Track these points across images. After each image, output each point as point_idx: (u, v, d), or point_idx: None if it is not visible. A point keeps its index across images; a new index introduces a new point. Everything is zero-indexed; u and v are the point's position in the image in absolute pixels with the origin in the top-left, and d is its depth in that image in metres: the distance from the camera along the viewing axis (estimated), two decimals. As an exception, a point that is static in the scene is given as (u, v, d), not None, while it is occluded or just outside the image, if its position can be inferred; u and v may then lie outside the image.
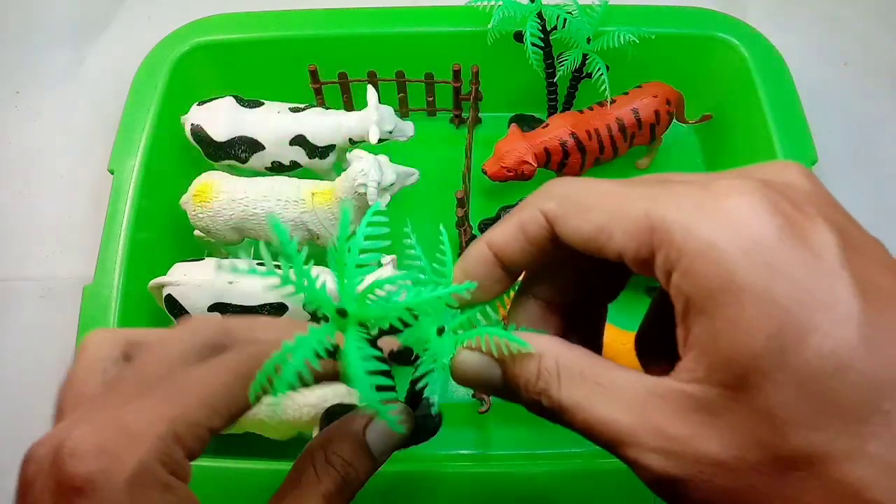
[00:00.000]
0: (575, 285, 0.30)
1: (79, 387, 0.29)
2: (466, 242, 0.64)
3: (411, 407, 0.33)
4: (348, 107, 0.70)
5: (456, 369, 0.28)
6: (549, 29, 0.62)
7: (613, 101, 0.65)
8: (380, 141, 0.58)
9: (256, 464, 0.48)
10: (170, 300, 0.55)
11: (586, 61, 0.63)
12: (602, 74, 0.62)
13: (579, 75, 0.65)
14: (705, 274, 0.22)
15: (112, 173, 0.60)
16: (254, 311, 0.54)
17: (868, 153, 0.74)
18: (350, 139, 0.61)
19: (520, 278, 0.30)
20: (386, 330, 0.27)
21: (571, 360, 0.26)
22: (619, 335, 0.53)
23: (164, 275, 0.55)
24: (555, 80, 0.67)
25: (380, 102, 0.60)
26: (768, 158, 0.60)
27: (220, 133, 0.61)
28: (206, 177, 0.59)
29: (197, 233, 0.61)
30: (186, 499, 0.27)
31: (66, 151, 0.75)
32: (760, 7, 0.82)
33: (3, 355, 0.65)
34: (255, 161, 0.62)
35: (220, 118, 0.61)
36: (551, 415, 0.26)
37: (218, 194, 0.57)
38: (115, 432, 0.26)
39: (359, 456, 0.31)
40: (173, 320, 0.56)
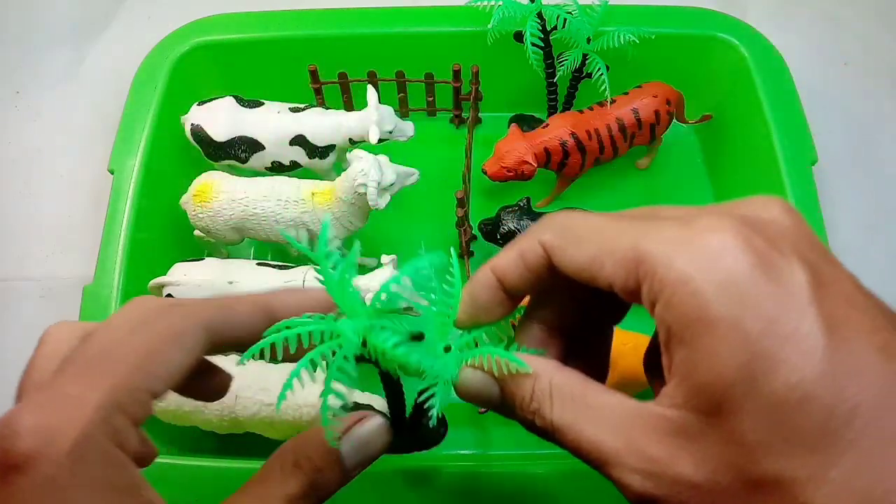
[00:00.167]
0: (575, 310, 0.32)
1: (36, 376, 0.30)
2: (466, 242, 0.64)
3: (416, 417, 0.32)
4: (348, 107, 0.70)
5: (459, 386, 0.30)
6: (549, 29, 0.62)
7: (613, 101, 0.64)
8: (380, 141, 0.58)
9: (256, 464, 0.48)
10: (170, 300, 0.55)
11: (586, 61, 0.63)
12: (602, 74, 0.62)
13: (579, 75, 0.65)
14: (683, 305, 0.24)
15: (112, 173, 0.60)
16: (254, 311, 0.54)
17: (868, 153, 0.74)
18: (350, 139, 0.61)
19: (522, 302, 0.32)
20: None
21: (564, 382, 0.28)
22: (620, 335, 0.53)
23: (164, 275, 0.55)
24: (555, 80, 0.67)
25: (380, 102, 0.60)
26: (768, 158, 0.60)
27: (220, 133, 0.61)
28: (206, 177, 0.59)
29: (197, 233, 0.61)
30: (125, 468, 0.27)
31: (66, 151, 0.75)
32: (760, 7, 0.82)
33: (2, 355, 0.65)
34: (255, 161, 0.62)
35: (220, 118, 0.61)
36: (544, 433, 0.28)
37: (218, 194, 0.57)
38: (54, 408, 0.26)
39: (329, 463, 0.31)
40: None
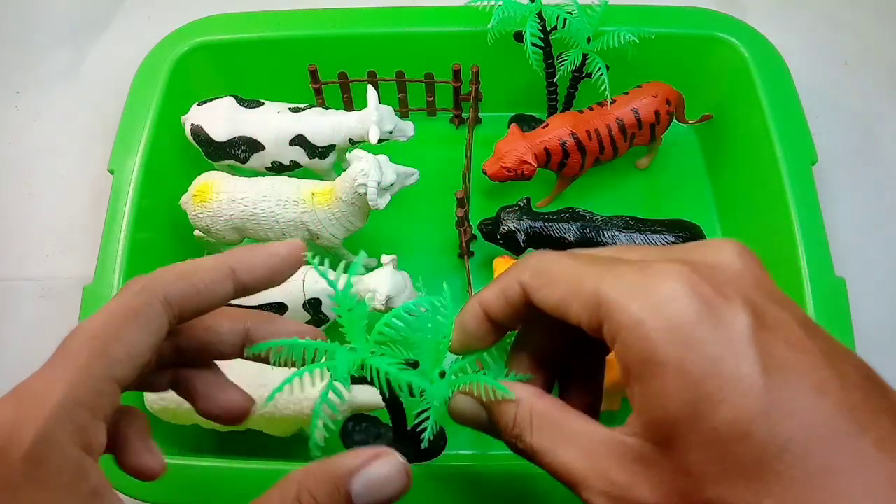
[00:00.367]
0: (562, 340, 0.34)
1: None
2: (467, 242, 0.64)
3: (415, 435, 0.33)
4: (348, 107, 0.70)
5: (452, 410, 0.33)
6: (549, 29, 0.62)
7: (613, 101, 0.65)
8: (380, 141, 0.58)
9: (256, 464, 0.48)
10: (170, 300, 0.55)
11: (586, 61, 0.63)
12: (602, 74, 0.62)
13: (579, 75, 0.65)
14: (636, 348, 0.26)
15: (112, 173, 0.60)
16: (254, 311, 0.54)
17: (868, 153, 0.74)
18: (350, 139, 0.61)
19: (507, 336, 0.35)
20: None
21: (543, 410, 0.30)
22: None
23: (164, 275, 0.55)
24: (555, 80, 0.67)
25: (380, 102, 0.60)
26: (768, 158, 0.60)
27: (220, 133, 0.61)
28: (206, 177, 0.59)
29: (197, 233, 0.61)
30: (85, 471, 0.26)
31: (66, 151, 0.75)
32: (760, 7, 0.82)
33: (3, 355, 0.65)
34: (255, 161, 0.62)
35: (220, 118, 0.61)
36: (525, 455, 0.30)
37: (218, 194, 0.57)
38: (14, 407, 0.25)
39: (336, 503, 0.28)
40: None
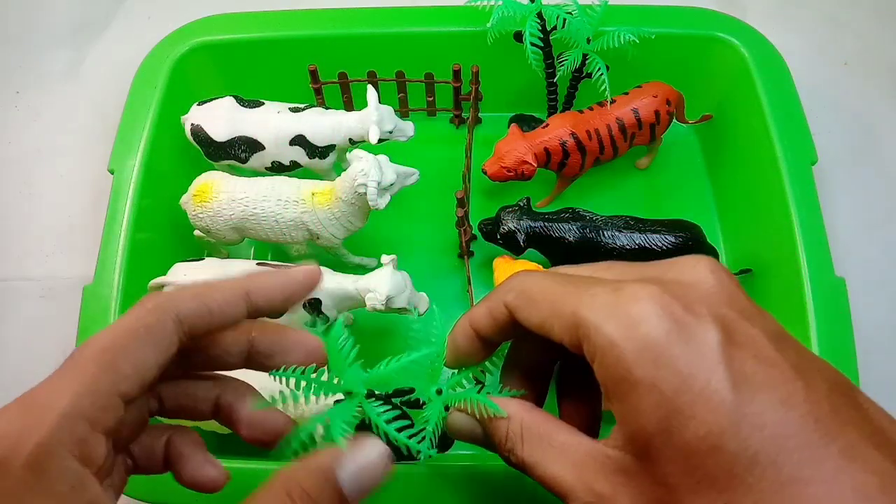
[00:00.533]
0: (553, 352, 0.34)
1: None
2: (467, 242, 0.64)
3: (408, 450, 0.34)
4: (348, 107, 0.70)
5: (450, 427, 0.35)
6: (548, 29, 0.62)
7: (613, 101, 0.65)
8: (380, 141, 0.58)
9: (256, 464, 0.48)
10: (170, 300, 0.55)
11: (586, 61, 0.63)
12: (602, 74, 0.62)
13: (579, 75, 0.65)
14: (611, 368, 0.27)
15: (112, 173, 0.60)
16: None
17: (868, 153, 0.74)
18: (350, 139, 0.61)
19: (501, 346, 0.36)
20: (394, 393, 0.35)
21: (532, 424, 0.31)
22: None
23: (164, 275, 0.55)
24: (555, 80, 0.67)
25: (380, 102, 0.60)
26: (768, 158, 0.60)
27: (220, 133, 0.61)
28: (206, 177, 0.59)
29: (197, 233, 0.61)
30: (82, 484, 0.26)
31: (66, 151, 0.75)
32: (760, 7, 0.82)
33: (3, 355, 0.65)
34: (255, 161, 0.62)
35: (220, 118, 0.61)
36: (518, 468, 0.31)
37: (218, 194, 0.57)
38: (19, 415, 0.26)
39: (325, 493, 0.28)
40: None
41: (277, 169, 0.63)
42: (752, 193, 0.63)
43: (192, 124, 0.61)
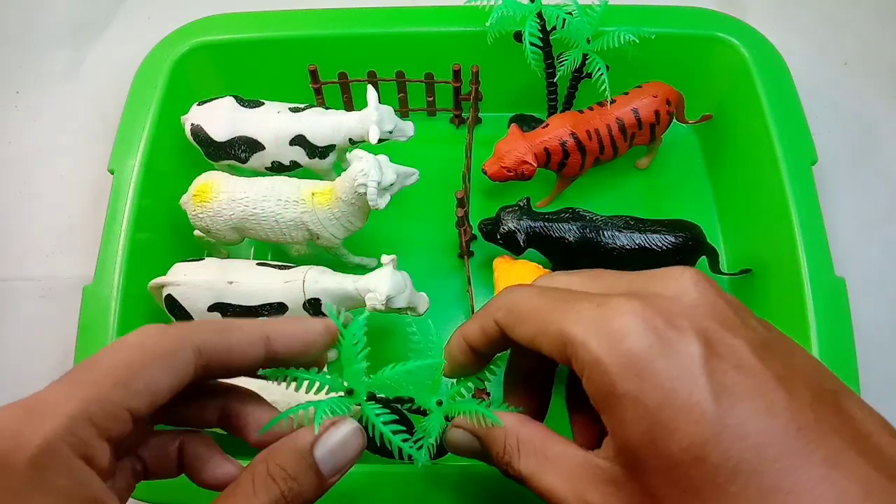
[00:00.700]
0: (549, 363, 0.34)
1: None
2: (467, 242, 0.64)
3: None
4: (348, 107, 0.70)
5: (448, 442, 0.36)
6: (548, 29, 0.62)
7: (613, 101, 0.65)
8: (380, 141, 0.58)
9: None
10: (170, 300, 0.55)
11: (586, 61, 0.63)
12: (602, 74, 0.62)
13: (579, 75, 0.65)
14: (597, 382, 0.28)
15: (112, 173, 0.60)
16: (254, 311, 0.54)
17: (868, 153, 0.74)
18: (350, 139, 0.61)
19: (502, 354, 0.37)
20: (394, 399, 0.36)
21: (528, 437, 0.32)
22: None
23: (164, 275, 0.55)
24: (555, 80, 0.67)
25: (380, 102, 0.60)
26: (768, 158, 0.60)
27: (220, 133, 0.61)
28: (206, 177, 0.59)
29: (197, 233, 0.61)
30: (88, 482, 0.26)
31: (66, 151, 0.75)
32: (760, 7, 0.82)
33: (3, 355, 0.65)
34: (255, 161, 0.62)
35: (220, 118, 0.61)
36: (515, 480, 0.32)
37: (218, 194, 0.57)
38: (24, 413, 0.26)
39: (304, 471, 0.30)
40: (173, 320, 0.56)
41: (277, 169, 0.63)
42: (752, 193, 0.63)
43: (192, 124, 0.61)
